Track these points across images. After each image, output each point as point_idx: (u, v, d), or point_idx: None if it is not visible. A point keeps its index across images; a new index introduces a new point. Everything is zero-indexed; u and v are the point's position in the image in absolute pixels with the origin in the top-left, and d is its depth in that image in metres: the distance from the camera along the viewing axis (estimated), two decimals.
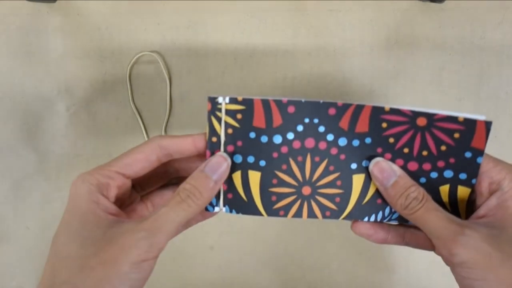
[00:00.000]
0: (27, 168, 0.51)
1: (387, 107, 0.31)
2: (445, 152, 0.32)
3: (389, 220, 0.33)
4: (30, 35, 0.50)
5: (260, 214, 0.33)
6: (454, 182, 0.32)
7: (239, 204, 0.33)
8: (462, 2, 0.48)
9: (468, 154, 0.31)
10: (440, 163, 0.32)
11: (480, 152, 0.31)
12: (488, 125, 0.30)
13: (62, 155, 0.51)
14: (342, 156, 0.32)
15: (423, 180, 0.32)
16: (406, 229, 0.33)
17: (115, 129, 0.51)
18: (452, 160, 0.32)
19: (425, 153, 0.32)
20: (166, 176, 0.35)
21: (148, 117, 0.51)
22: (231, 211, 0.33)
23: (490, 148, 0.49)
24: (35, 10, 0.50)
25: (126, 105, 0.51)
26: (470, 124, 0.30)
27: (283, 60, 0.50)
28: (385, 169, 0.31)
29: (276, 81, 0.50)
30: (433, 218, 0.29)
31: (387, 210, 0.33)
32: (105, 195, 0.30)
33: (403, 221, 0.33)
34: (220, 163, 0.31)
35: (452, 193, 0.32)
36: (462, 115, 0.31)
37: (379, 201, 0.33)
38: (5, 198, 0.52)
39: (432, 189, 0.32)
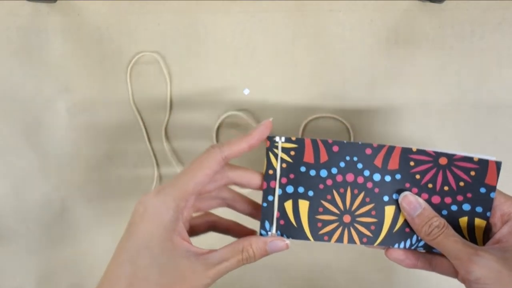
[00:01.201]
0: (27, 168, 0.51)
1: (414, 148, 0.37)
2: (463, 188, 0.37)
3: (416, 247, 0.38)
4: (30, 35, 0.50)
5: (308, 239, 0.38)
6: (471, 215, 0.37)
7: (290, 229, 0.38)
8: (462, 2, 0.48)
9: (482, 190, 0.37)
10: (459, 197, 0.37)
11: (493, 188, 0.37)
12: (498, 164, 0.37)
13: (62, 155, 0.51)
14: (376, 190, 0.38)
15: (444, 212, 0.38)
16: (433, 257, 0.38)
17: (115, 129, 0.51)
18: (469, 195, 0.37)
19: (446, 188, 0.37)
20: (220, 203, 0.40)
21: (148, 117, 0.51)
22: (282, 236, 0.38)
23: (490, 149, 0.49)
24: (35, 10, 0.50)
25: (126, 105, 0.51)
26: (483, 163, 0.36)
27: (283, 60, 0.50)
28: (412, 202, 0.37)
29: (276, 81, 0.50)
30: (451, 242, 0.34)
31: (414, 238, 0.38)
32: (182, 220, 0.33)
33: (428, 249, 0.38)
34: (281, 247, 0.36)
35: (470, 224, 0.38)
36: (477, 156, 0.36)
37: (407, 230, 0.38)
38: (5, 198, 0.52)
39: (452, 220, 0.37)
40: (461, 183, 0.37)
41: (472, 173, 0.37)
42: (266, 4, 0.49)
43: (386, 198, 0.38)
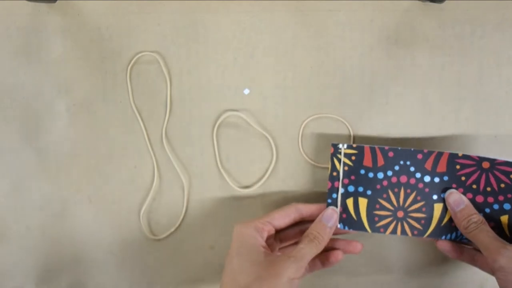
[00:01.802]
0: (27, 168, 0.51)
1: (460, 153, 0.43)
2: (504, 189, 0.42)
3: (461, 239, 0.44)
4: (30, 35, 0.50)
5: (366, 231, 0.44)
6: (511, 213, 0.42)
7: (351, 222, 0.45)
8: (462, 2, 0.48)
9: None
10: (500, 197, 0.42)
11: None
12: None
13: (62, 155, 0.51)
14: (427, 189, 0.44)
15: (487, 210, 0.43)
16: (476, 253, 0.44)
17: (115, 129, 0.51)
18: (509, 195, 0.42)
19: (488, 189, 0.42)
20: (297, 237, 0.47)
21: (148, 117, 0.51)
22: (344, 227, 0.45)
23: (490, 148, 0.49)
24: (35, 10, 0.50)
25: (126, 105, 0.51)
26: None
27: (283, 60, 0.50)
28: (456, 199, 0.43)
29: (276, 81, 0.50)
30: (484, 236, 0.40)
31: (458, 232, 0.43)
32: (261, 236, 0.42)
33: (469, 241, 0.42)
34: (332, 214, 0.44)
35: (511, 221, 0.42)
36: None
37: (453, 224, 0.43)
38: (5, 198, 0.52)
39: (494, 218, 0.43)
40: (502, 185, 0.42)
41: None
42: (266, 4, 0.49)
43: (435, 197, 0.43)
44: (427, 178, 0.43)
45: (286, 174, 0.51)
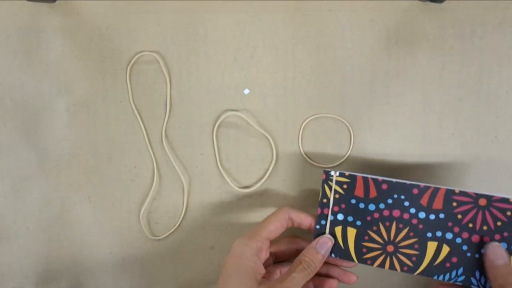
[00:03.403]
0: (27, 168, 0.51)
1: (457, 190, 0.41)
2: (500, 227, 0.41)
3: (455, 281, 0.42)
4: (30, 35, 0.50)
5: (353, 260, 0.43)
6: (509, 253, 0.40)
7: (338, 250, 0.44)
8: (462, 2, 0.48)
9: None
10: (497, 236, 0.41)
11: None
12: None
13: (62, 155, 0.51)
14: (421, 226, 0.42)
15: (483, 251, 0.41)
16: None
17: (115, 129, 0.51)
18: (505, 234, 0.41)
19: (485, 227, 0.41)
20: (292, 256, 0.47)
21: (148, 117, 0.51)
22: (331, 255, 0.44)
23: (490, 148, 0.49)
24: (35, 10, 0.50)
25: (126, 105, 0.51)
26: None
27: (283, 60, 0.50)
28: (498, 253, 0.41)
29: (276, 81, 0.50)
30: None
31: (453, 273, 0.42)
32: (260, 257, 0.42)
33: (467, 284, 0.42)
34: (327, 242, 0.43)
35: None
36: None
37: (447, 264, 0.42)
38: (5, 198, 0.52)
39: None
40: (499, 223, 0.41)
41: (508, 213, 0.40)
42: (266, 4, 0.49)
43: (429, 234, 0.42)
44: (422, 215, 0.42)
45: (286, 174, 0.51)
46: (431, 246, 0.42)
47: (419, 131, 0.50)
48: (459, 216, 0.41)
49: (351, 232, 0.43)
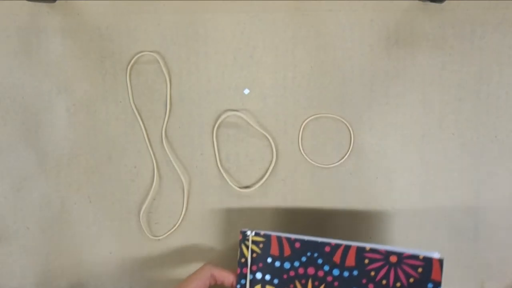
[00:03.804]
0: (27, 168, 0.51)
1: (368, 247, 0.42)
2: (413, 284, 0.40)
3: None
4: (30, 35, 0.50)
5: None
6: None
7: None
8: (462, 2, 0.48)
9: (430, 285, 0.40)
10: None
11: (439, 283, 0.39)
12: (441, 262, 0.39)
13: (62, 155, 0.51)
14: (336, 283, 0.42)
15: None
16: None
17: (115, 129, 0.51)
18: None
19: (398, 284, 0.41)
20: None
21: (148, 117, 0.51)
22: None
23: (491, 149, 0.49)
24: (35, 10, 0.50)
25: (126, 105, 0.51)
26: (428, 261, 0.39)
27: (283, 60, 0.50)
28: None
29: (276, 81, 0.50)
30: None
31: None
32: None
33: None
34: None
35: None
36: (422, 253, 0.40)
37: None
38: (5, 198, 0.52)
39: None
40: (411, 279, 0.40)
41: (420, 270, 0.40)
42: (266, 4, 0.49)
43: None
44: (336, 272, 0.42)
45: (286, 174, 0.51)
46: None
47: (419, 131, 0.50)
48: (372, 273, 0.42)
49: None
